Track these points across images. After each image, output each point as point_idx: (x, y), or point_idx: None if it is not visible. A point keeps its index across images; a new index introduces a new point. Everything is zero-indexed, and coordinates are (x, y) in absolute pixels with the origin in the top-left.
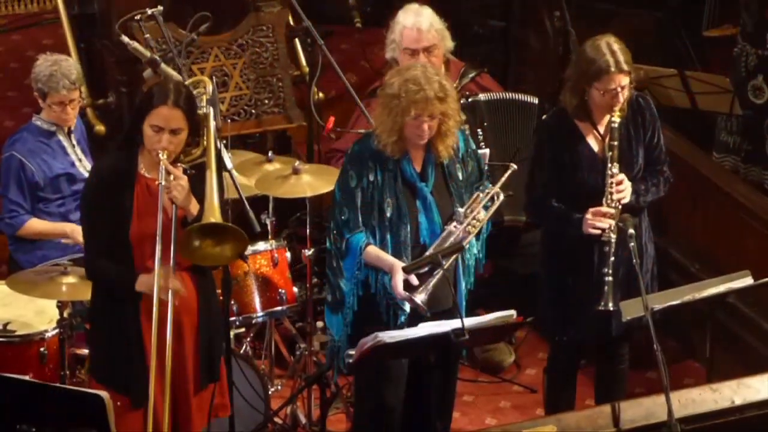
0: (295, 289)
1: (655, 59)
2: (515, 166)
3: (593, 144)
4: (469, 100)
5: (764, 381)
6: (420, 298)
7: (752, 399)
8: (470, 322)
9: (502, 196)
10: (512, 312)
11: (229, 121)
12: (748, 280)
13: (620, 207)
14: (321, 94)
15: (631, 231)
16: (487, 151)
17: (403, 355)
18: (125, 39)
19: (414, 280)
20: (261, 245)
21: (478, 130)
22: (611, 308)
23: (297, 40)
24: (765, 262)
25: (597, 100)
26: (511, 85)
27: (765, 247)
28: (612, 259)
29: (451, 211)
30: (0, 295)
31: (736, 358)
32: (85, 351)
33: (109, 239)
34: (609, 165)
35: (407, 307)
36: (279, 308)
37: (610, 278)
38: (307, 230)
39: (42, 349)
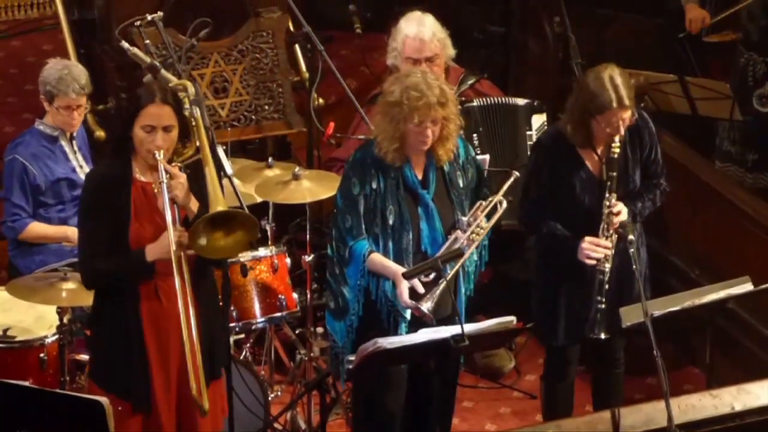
0: (295, 295)
1: (655, 64)
2: (517, 174)
3: (591, 166)
4: (464, 105)
5: (764, 387)
6: (426, 306)
7: (752, 405)
8: (470, 327)
9: (505, 204)
10: (512, 318)
11: (229, 128)
12: (748, 286)
13: (616, 237)
14: (321, 100)
15: (631, 237)
16: (487, 156)
17: (403, 361)
18: (125, 44)
19: (420, 288)
20: (261, 251)
21: (474, 135)
22: (602, 336)
23: (297, 45)
24: (765, 267)
25: (597, 130)
26: (512, 90)
27: (765, 252)
28: (606, 287)
29: (452, 219)
30: (0, 301)
31: (736, 363)
32: (85, 357)
33: (108, 244)
34: (607, 195)
35: (408, 314)
36: (279, 314)
37: (603, 306)
38: (307, 236)
39: (42, 354)
